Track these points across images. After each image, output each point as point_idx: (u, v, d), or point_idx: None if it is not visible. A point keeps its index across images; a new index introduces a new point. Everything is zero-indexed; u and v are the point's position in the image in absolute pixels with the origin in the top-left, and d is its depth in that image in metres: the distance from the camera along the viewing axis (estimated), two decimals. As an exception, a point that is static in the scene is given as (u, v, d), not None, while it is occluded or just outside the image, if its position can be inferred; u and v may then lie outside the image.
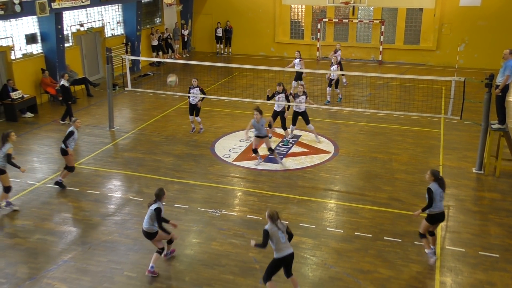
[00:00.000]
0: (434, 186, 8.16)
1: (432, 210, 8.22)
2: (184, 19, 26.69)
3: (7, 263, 8.53)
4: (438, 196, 8.15)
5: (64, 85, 15.31)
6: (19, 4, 15.00)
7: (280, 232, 7.29)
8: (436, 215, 8.29)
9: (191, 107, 14.53)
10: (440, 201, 8.20)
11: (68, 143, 11.01)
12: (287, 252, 7.38)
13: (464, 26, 23.20)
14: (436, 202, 8.17)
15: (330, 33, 25.61)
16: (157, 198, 8.08)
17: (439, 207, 8.23)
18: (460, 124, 14.96)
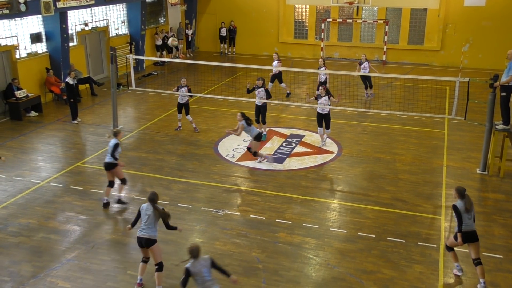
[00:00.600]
0: (460, 205, 7.76)
1: (461, 228, 7.75)
2: (188, 19, 26.71)
3: (11, 261, 8.57)
4: (466, 215, 7.73)
5: (68, 82, 15.37)
6: (24, 4, 15.05)
7: (206, 270, 6.61)
8: (468, 234, 7.78)
9: (179, 106, 14.66)
10: (469, 219, 7.76)
11: (116, 155, 10.22)
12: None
13: (469, 26, 23.13)
14: (467, 221, 7.73)
15: (334, 33, 25.59)
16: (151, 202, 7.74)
17: (469, 227, 7.76)
18: (464, 124, 14.93)
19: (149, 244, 7.66)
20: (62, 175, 11.98)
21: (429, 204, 10.67)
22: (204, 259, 6.71)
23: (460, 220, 7.71)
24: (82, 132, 15.04)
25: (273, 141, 14.15)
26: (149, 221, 7.63)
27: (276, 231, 9.52)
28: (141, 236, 7.64)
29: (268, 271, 8.31)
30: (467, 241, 7.84)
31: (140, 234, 7.66)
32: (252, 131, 12.21)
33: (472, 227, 7.80)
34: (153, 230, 7.67)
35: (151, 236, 7.65)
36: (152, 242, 7.66)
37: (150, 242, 7.66)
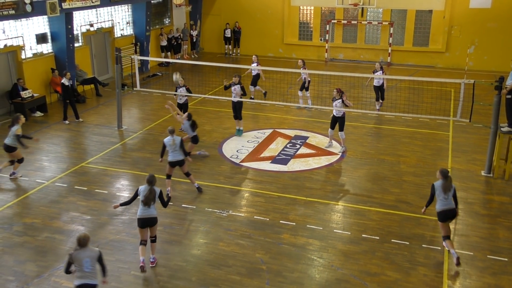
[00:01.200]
0: (438, 185, 8.49)
1: (440, 207, 8.47)
2: (193, 20, 26.76)
3: (16, 261, 8.60)
4: (442, 194, 8.42)
5: (64, 83, 15.40)
6: (30, 4, 15.12)
7: (87, 260, 6.65)
8: (445, 212, 8.47)
9: (178, 106, 14.71)
10: (446, 199, 8.43)
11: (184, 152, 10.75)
12: (87, 282, 6.69)
13: (474, 28, 23.06)
14: (441, 200, 8.44)
15: (338, 35, 25.57)
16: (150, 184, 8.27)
17: (446, 205, 8.45)
18: (469, 126, 14.89)
19: (154, 222, 8.29)
20: (66, 175, 12.02)
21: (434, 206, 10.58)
22: (92, 250, 6.78)
23: (431, 200, 8.60)
24: (86, 132, 15.08)
25: (277, 143, 14.14)
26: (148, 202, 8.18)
27: (280, 232, 9.52)
28: (144, 217, 8.20)
29: (272, 272, 8.31)
30: (445, 219, 8.48)
31: (143, 216, 8.20)
32: (189, 133, 12.35)
33: (450, 205, 8.44)
34: (153, 210, 8.27)
35: (153, 215, 8.28)
36: (156, 221, 8.33)
37: (154, 221, 8.30)
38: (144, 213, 8.21)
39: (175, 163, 10.61)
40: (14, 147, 11.47)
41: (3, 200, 10.75)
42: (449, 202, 8.45)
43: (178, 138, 10.54)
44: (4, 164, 11.83)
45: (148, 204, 8.18)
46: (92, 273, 6.74)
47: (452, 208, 8.47)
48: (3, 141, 11.59)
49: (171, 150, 10.51)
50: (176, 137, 10.52)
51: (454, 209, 8.50)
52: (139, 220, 8.23)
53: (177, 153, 10.53)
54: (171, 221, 9.92)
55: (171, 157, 10.57)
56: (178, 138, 10.54)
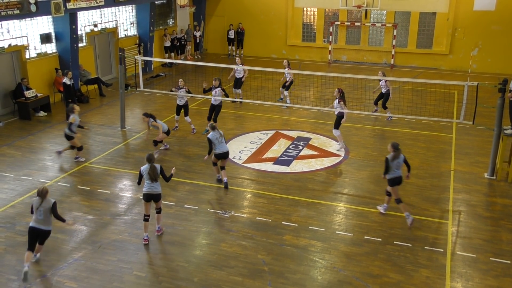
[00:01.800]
0: (390, 157, 9.69)
1: (390, 175, 9.72)
2: (197, 21, 26.80)
3: (18, 260, 8.61)
4: (394, 165, 9.67)
5: (65, 83, 15.45)
6: (34, 4, 15.17)
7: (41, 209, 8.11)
8: (393, 179, 9.76)
9: (178, 108, 14.80)
10: (397, 168, 9.71)
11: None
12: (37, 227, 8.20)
13: (478, 30, 23.02)
14: (393, 170, 9.69)
15: (342, 36, 25.56)
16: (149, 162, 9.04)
17: (396, 174, 9.73)
18: (472, 129, 14.86)
19: (158, 198, 9.12)
20: (69, 175, 12.05)
21: (436, 208, 10.62)
22: (48, 201, 8.20)
23: (387, 170, 9.72)
24: (90, 132, 15.10)
25: (280, 144, 14.15)
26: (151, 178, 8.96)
27: (282, 233, 9.51)
28: (149, 192, 9.01)
29: (274, 273, 8.31)
30: (394, 184, 9.79)
31: (149, 191, 9.01)
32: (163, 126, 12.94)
33: (399, 173, 9.77)
34: (157, 185, 9.05)
35: (158, 191, 9.07)
36: (160, 196, 9.15)
37: (159, 197, 9.11)
38: (149, 188, 9.02)
39: (223, 155, 11.34)
40: (72, 136, 12.49)
41: (6, 199, 10.78)
42: (399, 171, 9.73)
43: (221, 131, 11.41)
44: (65, 147, 12.87)
45: (151, 180, 8.94)
46: (46, 221, 8.20)
47: (400, 175, 9.78)
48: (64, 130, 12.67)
49: (218, 143, 11.19)
50: (220, 131, 11.39)
51: (401, 176, 9.81)
52: (144, 195, 9.05)
53: (223, 145, 11.28)
54: (173, 222, 9.93)
55: (218, 149, 11.24)
56: (221, 131, 11.41)
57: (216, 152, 11.25)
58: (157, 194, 9.08)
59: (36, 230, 8.17)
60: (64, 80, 15.51)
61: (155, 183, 9.01)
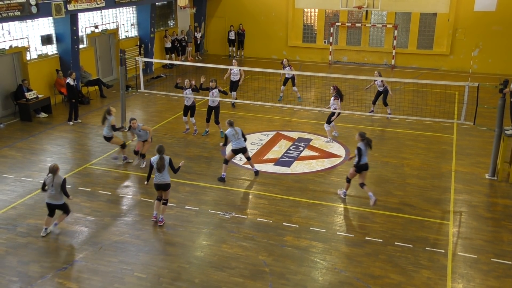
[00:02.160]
0: (362, 146, 10.40)
1: (359, 162, 10.44)
2: (197, 22, 26.82)
3: (20, 261, 8.62)
4: (364, 153, 10.42)
5: (69, 83, 15.47)
6: (35, 6, 15.20)
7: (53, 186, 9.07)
8: (362, 166, 10.52)
9: (185, 109, 14.72)
10: (365, 156, 10.47)
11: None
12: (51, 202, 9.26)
13: (479, 31, 23.02)
14: (363, 157, 10.42)
15: (342, 37, 25.56)
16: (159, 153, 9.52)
17: (364, 160, 10.48)
18: (473, 129, 14.85)
19: (167, 187, 9.68)
20: (70, 176, 12.05)
21: (437, 209, 10.62)
22: (58, 177, 9.10)
23: (359, 158, 10.43)
24: (90, 133, 15.12)
25: (281, 145, 14.15)
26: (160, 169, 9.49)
27: (283, 234, 9.51)
28: (160, 183, 9.61)
29: (275, 274, 8.30)
30: (360, 171, 10.58)
31: (158, 182, 9.60)
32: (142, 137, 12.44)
33: (366, 160, 10.53)
34: (167, 176, 9.59)
35: (167, 181, 9.63)
36: (169, 186, 9.71)
37: (167, 186, 9.68)
38: (158, 179, 9.58)
39: (239, 150, 11.78)
40: (110, 137, 12.50)
41: (7, 201, 10.79)
42: (366, 158, 10.58)
43: (239, 128, 11.87)
44: (117, 151, 12.89)
45: (160, 171, 9.47)
46: (58, 195, 9.13)
47: (367, 163, 10.59)
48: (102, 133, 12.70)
49: (235, 140, 11.62)
50: (237, 128, 11.82)
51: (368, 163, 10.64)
52: (155, 185, 9.68)
53: (240, 141, 11.67)
54: (174, 223, 9.93)
55: (235, 145, 11.71)
56: (239, 128, 11.87)
57: (233, 148, 11.77)
58: (166, 184, 9.62)
59: (51, 205, 9.25)
60: (68, 81, 15.53)
61: (163, 174, 9.53)
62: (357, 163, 10.49)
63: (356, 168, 10.56)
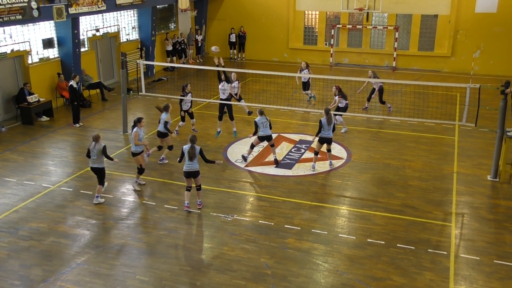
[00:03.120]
0: (323, 120, 11.99)
1: (322, 134, 12.13)
2: (198, 25, 26.86)
3: (21, 265, 8.62)
4: (326, 126, 12.01)
5: (72, 85, 15.49)
6: (36, 9, 15.23)
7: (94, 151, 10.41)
8: (324, 138, 12.20)
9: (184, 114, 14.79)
10: (328, 130, 12.08)
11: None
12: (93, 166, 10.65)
13: (480, 32, 23.01)
14: (325, 130, 12.07)
15: (343, 39, 25.58)
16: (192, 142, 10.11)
17: (327, 134, 12.13)
18: (475, 131, 14.83)
19: (196, 174, 10.28)
20: (72, 180, 12.06)
21: (439, 211, 10.60)
22: (99, 144, 10.42)
23: (319, 130, 12.15)
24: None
25: (282, 147, 14.14)
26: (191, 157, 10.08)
27: (285, 236, 9.50)
28: (189, 170, 10.22)
29: (277, 277, 8.29)
30: (324, 143, 12.30)
31: (188, 169, 10.22)
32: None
33: (330, 134, 12.22)
34: (196, 164, 10.18)
35: (196, 168, 10.23)
36: (198, 173, 10.30)
37: (197, 173, 10.27)
38: (188, 166, 10.20)
39: (265, 137, 12.72)
40: (166, 133, 12.72)
41: (9, 204, 10.79)
42: (330, 132, 12.14)
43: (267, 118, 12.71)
44: (153, 148, 13.00)
45: (191, 159, 10.07)
46: (96, 160, 10.41)
47: (331, 136, 12.28)
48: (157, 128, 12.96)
49: (263, 127, 12.57)
50: (267, 117, 12.68)
51: (331, 137, 12.36)
52: (185, 172, 10.29)
53: (267, 129, 12.62)
54: (176, 226, 9.92)
55: (262, 132, 12.62)
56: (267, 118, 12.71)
57: (260, 135, 12.64)
58: (195, 171, 10.23)
59: (93, 168, 10.52)
60: (71, 83, 15.54)
61: (194, 162, 10.13)
62: (317, 135, 12.24)
63: (320, 140, 12.26)
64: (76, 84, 15.56)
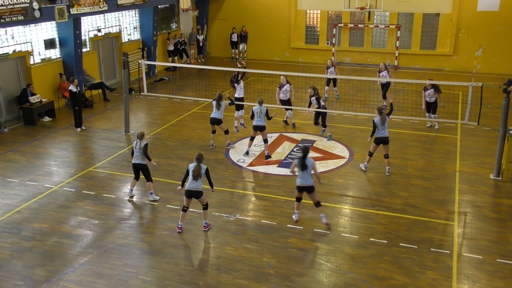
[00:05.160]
0: (377, 120, 11.76)
1: (377, 134, 11.82)
2: (200, 25, 26.86)
3: (24, 265, 8.63)
4: (380, 126, 11.72)
5: (71, 90, 15.45)
6: (38, 10, 15.25)
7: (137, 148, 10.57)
8: (379, 138, 11.88)
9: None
10: (382, 129, 11.78)
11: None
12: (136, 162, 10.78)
13: (482, 31, 22.96)
14: (379, 130, 11.74)
15: (345, 38, 25.56)
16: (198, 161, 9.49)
17: (382, 133, 11.79)
18: (477, 129, 14.80)
19: (199, 195, 9.47)
20: (74, 180, 12.08)
21: (442, 210, 10.58)
22: (143, 142, 10.54)
23: (374, 130, 11.86)
24: (94, 137, 15.15)
25: (284, 147, 14.13)
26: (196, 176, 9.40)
27: (288, 236, 9.49)
28: (192, 189, 9.40)
29: (279, 276, 8.29)
30: (380, 143, 11.96)
31: (191, 188, 9.40)
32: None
33: (385, 134, 11.88)
34: (200, 184, 9.42)
35: (199, 188, 9.41)
36: (201, 194, 9.48)
37: (199, 194, 9.46)
38: (191, 185, 9.41)
39: (257, 127, 13.04)
40: (221, 120, 13.48)
41: (11, 205, 10.81)
42: (385, 131, 11.86)
43: (265, 108, 13.05)
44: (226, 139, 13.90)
45: (195, 178, 9.35)
46: (139, 156, 10.62)
47: (387, 135, 11.89)
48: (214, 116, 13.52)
49: (257, 117, 12.99)
50: (263, 108, 13.02)
51: (387, 136, 11.92)
52: (186, 191, 9.46)
53: (261, 120, 12.93)
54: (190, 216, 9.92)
55: (254, 122, 13.06)
56: (265, 108, 13.05)
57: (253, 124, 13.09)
58: (198, 191, 9.45)
59: (136, 164, 10.68)
60: (70, 88, 15.51)
61: (198, 181, 9.40)
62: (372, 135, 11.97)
63: (375, 140, 11.96)
64: (75, 88, 15.49)
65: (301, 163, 9.59)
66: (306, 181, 9.59)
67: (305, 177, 9.59)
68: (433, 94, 14.78)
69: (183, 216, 9.71)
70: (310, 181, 9.60)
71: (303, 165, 9.55)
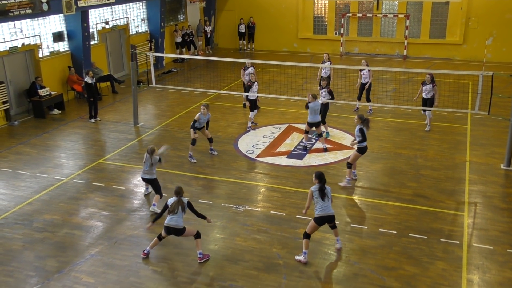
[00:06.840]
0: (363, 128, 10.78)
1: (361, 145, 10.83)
2: (207, 16, 26.79)
3: (36, 256, 8.73)
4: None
5: (87, 82, 15.54)
6: (46, 3, 15.29)
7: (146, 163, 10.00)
8: (364, 148, 10.94)
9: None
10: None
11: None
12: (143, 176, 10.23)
13: (492, 19, 22.69)
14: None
15: (353, 28, 25.39)
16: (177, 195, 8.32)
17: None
18: (487, 119, 14.68)
19: (178, 233, 8.35)
20: (84, 172, 12.16)
21: (452, 200, 10.53)
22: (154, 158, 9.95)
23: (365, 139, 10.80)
24: (103, 129, 15.23)
25: (293, 137, 14.12)
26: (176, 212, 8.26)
27: (297, 227, 9.51)
28: (171, 225, 8.30)
29: (289, 267, 8.32)
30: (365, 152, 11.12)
31: (170, 224, 8.30)
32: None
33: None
34: (180, 220, 8.29)
35: (179, 225, 8.28)
36: (181, 231, 8.35)
37: (179, 232, 8.34)
38: (170, 221, 8.29)
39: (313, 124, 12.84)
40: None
41: (23, 197, 10.92)
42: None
43: (320, 104, 12.98)
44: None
45: (173, 212, 8.22)
46: (148, 171, 10.03)
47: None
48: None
49: (314, 113, 12.62)
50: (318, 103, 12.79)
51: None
52: (165, 227, 8.36)
53: (316, 116, 12.74)
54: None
55: (310, 119, 12.71)
56: (320, 104, 12.98)
57: (308, 121, 12.81)
58: (178, 228, 8.29)
59: (145, 179, 10.24)
60: (86, 79, 15.58)
61: (178, 216, 8.26)
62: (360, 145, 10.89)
63: (359, 150, 11.00)
64: (91, 79, 15.59)
65: (320, 192, 8.31)
66: (177, 222, 8.26)
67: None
68: (431, 89, 14.44)
69: (155, 243, 8.58)
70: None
71: (323, 194, 8.31)
